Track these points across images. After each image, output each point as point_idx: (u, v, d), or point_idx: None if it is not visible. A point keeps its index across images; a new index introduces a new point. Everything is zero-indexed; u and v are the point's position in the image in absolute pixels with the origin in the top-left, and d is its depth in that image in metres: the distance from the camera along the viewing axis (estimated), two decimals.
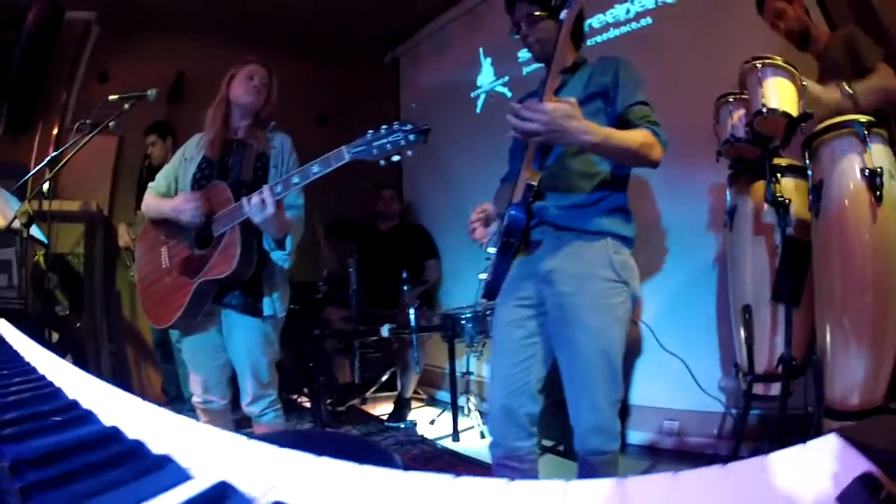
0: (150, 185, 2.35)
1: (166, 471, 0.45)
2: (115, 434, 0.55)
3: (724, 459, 0.43)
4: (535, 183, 1.60)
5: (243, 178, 2.18)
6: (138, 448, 0.50)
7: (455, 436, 3.46)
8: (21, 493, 0.41)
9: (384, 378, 4.48)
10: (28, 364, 1.01)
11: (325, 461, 0.47)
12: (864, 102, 2.09)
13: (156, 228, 2.28)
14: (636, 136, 1.57)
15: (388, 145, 1.76)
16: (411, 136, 1.77)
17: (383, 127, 1.78)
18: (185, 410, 3.24)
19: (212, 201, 2.10)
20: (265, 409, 2.24)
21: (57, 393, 0.77)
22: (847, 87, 2.12)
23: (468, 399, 3.77)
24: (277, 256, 2.14)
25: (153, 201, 2.27)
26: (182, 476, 0.45)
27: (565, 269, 1.66)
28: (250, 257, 2.05)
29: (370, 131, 1.79)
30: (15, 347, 1.24)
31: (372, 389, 4.44)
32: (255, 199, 1.90)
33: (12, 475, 0.44)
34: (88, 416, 0.63)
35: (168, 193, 2.29)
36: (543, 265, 1.69)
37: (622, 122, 1.65)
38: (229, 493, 0.40)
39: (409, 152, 1.77)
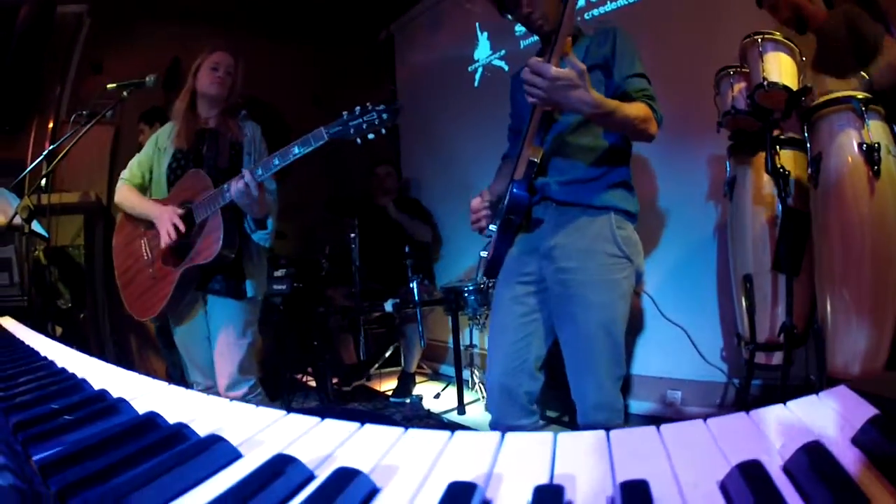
0: (123, 175, 2.34)
1: (215, 451, 0.46)
2: (153, 419, 0.56)
3: None
4: (537, 159, 1.60)
5: (220, 166, 2.21)
6: (182, 431, 0.51)
7: (461, 409, 3.48)
8: (60, 495, 0.41)
9: (388, 354, 4.50)
10: (45, 358, 1.02)
11: (369, 428, 0.49)
12: (879, 83, 2.09)
13: (133, 222, 2.31)
14: (634, 110, 1.55)
15: (364, 125, 1.86)
16: (384, 115, 1.87)
17: (357, 107, 1.87)
18: None
19: (191, 188, 2.14)
20: (245, 395, 2.24)
21: (82, 384, 0.78)
22: (864, 75, 2.11)
23: (472, 372, 3.80)
24: (259, 237, 2.22)
25: (132, 196, 2.27)
26: (233, 454, 0.46)
27: (568, 245, 1.64)
28: (233, 240, 2.11)
29: (345, 112, 1.88)
30: (28, 343, 1.25)
31: (376, 365, 4.46)
32: (239, 183, 1.96)
33: (54, 476, 0.45)
34: (121, 405, 0.64)
35: (143, 185, 2.31)
36: (546, 241, 1.68)
37: (620, 95, 1.63)
38: (290, 465, 0.41)
39: (384, 130, 1.88)
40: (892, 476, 0.35)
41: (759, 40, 2.19)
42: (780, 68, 2.14)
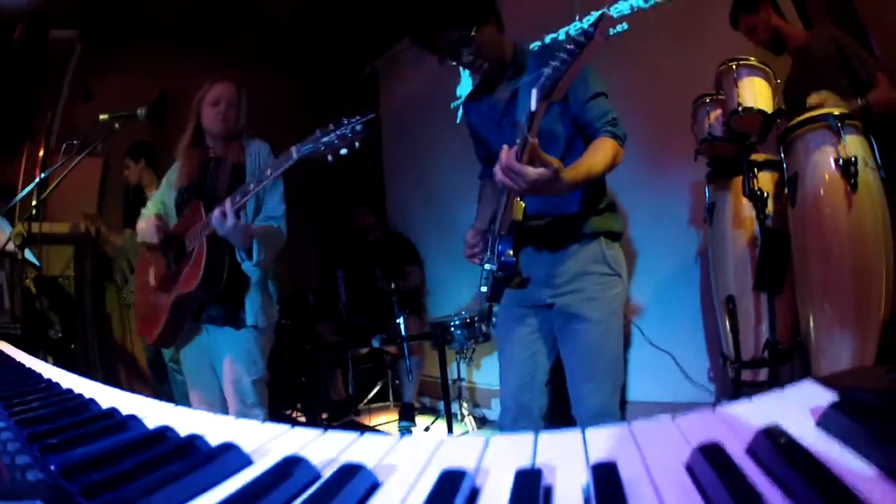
0: (143, 211, 2.38)
1: (228, 457, 0.50)
2: (165, 432, 0.59)
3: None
4: (519, 218, 1.59)
5: (217, 194, 2.16)
6: (194, 442, 0.54)
7: None
8: (84, 492, 0.44)
9: (376, 389, 4.51)
10: (49, 380, 1.04)
11: (369, 436, 0.53)
12: (876, 111, 2.18)
13: (147, 251, 2.33)
14: (602, 157, 1.55)
15: (336, 139, 1.76)
16: (357, 127, 1.75)
17: (331, 123, 1.78)
18: None
19: (189, 219, 2.14)
20: None
21: (90, 403, 0.80)
22: (860, 101, 2.19)
23: (461, 405, 3.81)
24: (246, 267, 2.14)
25: (140, 224, 2.30)
26: (245, 461, 0.50)
27: (564, 273, 1.73)
28: (217, 270, 2.06)
29: (318, 129, 1.80)
30: (29, 366, 1.27)
31: (364, 401, 4.47)
32: (216, 211, 1.93)
33: (76, 478, 0.47)
34: (131, 421, 0.67)
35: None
36: (542, 273, 1.77)
37: (581, 123, 1.67)
38: (298, 464, 0.44)
39: (357, 144, 1.75)
40: (861, 451, 0.38)
41: (734, 66, 2.29)
42: (755, 93, 2.24)
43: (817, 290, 2.09)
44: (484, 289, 1.86)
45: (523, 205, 1.58)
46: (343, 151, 1.76)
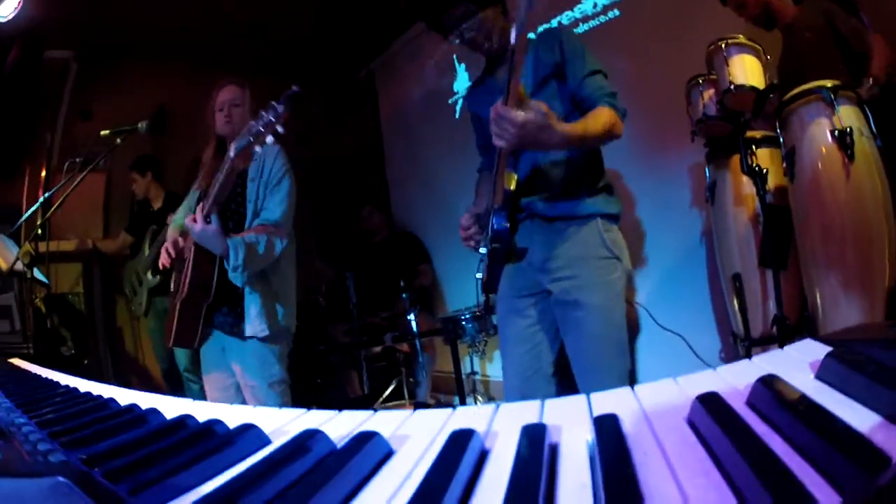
0: (174, 218, 2.42)
1: (249, 436, 0.52)
2: (186, 420, 0.61)
3: None
4: (511, 187, 1.62)
5: (222, 199, 2.12)
6: (213, 426, 0.56)
7: None
8: (108, 476, 0.45)
9: (391, 387, 4.52)
10: (67, 386, 1.07)
11: (382, 413, 0.55)
12: (882, 80, 2.18)
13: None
14: (600, 120, 1.58)
15: (262, 126, 1.80)
16: (280, 107, 1.79)
17: (260, 111, 1.82)
18: None
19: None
20: None
21: (109, 402, 0.82)
22: (870, 81, 2.19)
23: (476, 399, 3.82)
24: (232, 275, 2.05)
25: (167, 232, 2.35)
26: (265, 439, 0.52)
27: (561, 255, 1.71)
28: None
29: (251, 121, 1.84)
30: (46, 377, 1.30)
31: (380, 400, 4.48)
32: (188, 217, 1.96)
33: (96, 469, 0.49)
34: (152, 414, 0.69)
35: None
36: (538, 255, 1.75)
37: (579, 99, 1.69)
38: (315, 438, 0.46)
39: (280, 129, 1.79)
40: (859, 397, 0.39)
41: (723, 46, 2.29)
42: (746, 70, 2.24)
43: (821, 263, 2.09)
44: (480, 274, 1.85)
45: (515, 175, 1.60)
46: (270, 138, 1.82)
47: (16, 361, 1.68)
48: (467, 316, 3.54)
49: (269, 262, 2.14)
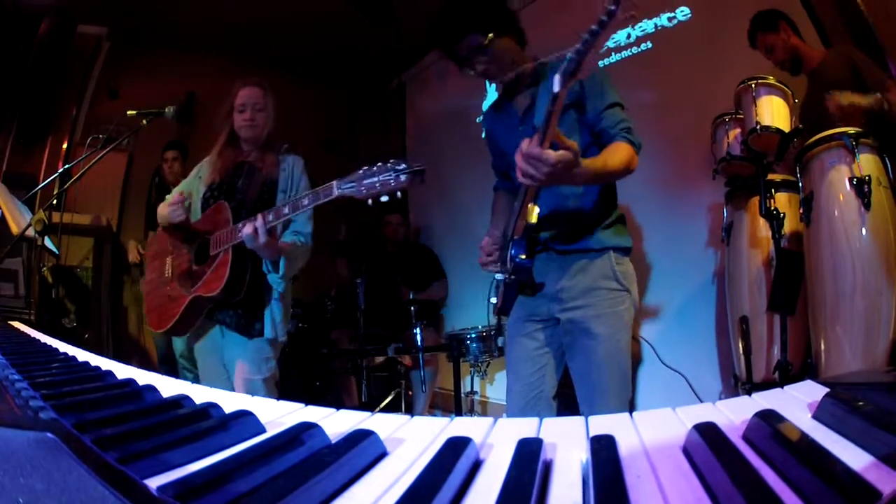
0: (167, 197, 2.40)
1: (244, 423, 0.52)
2: (182, 401, 0.61)
3: None
4: (533, 220, 1.60)
5: (248, 201, 2.19)
6: (209, 409, 0.56)
7: None
8: (97, 444, 0.44)
9: (388, 399, 4.51)
10: (66, 354, 1.07)
11: (380, 415, 0.55)
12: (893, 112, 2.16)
13: (165, 236, 2.34)
14: (619, 156, 1.59)
15: (378, 185, 1.67)
16: (402, 177, 1.65)
17: (378, 164, 1.69)
18: None
19: (213, 219, 2.17)
20: None
21: (107, 375, 0.82)
22: (885, 99, 2.18)
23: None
24: (272, 279, 2.16)
25: (161, 207, 2.32)
26: (260, 428, 0.52)
27: (573, 286, 1.75)
28: (240, 279, 2.08)
29: (363, 168, 1.70)
30: (45, 342, 1.30)
31: (377, 410, 4.46)
32: (248, 227, 1.93)
33: (86, 435, 0.49)
34: (149, 390, 0.69)
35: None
36: (552, 286, 1.78)
37: (597, 130, 1.70)
38: (311, 431, 0.46)
39: (399, 194, 1.68)
40: (854, 438, 0.39)
41: (753, 85, 2.30)
42: (773, 112, 2.25)
43: (828, 311, 2.08)
44: (494, 299, 1.88)
45: (537, 209, 1.59)
46: (384, 198, 1.69)
47: (16, 324, 1.69)
48: (473, 335, 3.53)
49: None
